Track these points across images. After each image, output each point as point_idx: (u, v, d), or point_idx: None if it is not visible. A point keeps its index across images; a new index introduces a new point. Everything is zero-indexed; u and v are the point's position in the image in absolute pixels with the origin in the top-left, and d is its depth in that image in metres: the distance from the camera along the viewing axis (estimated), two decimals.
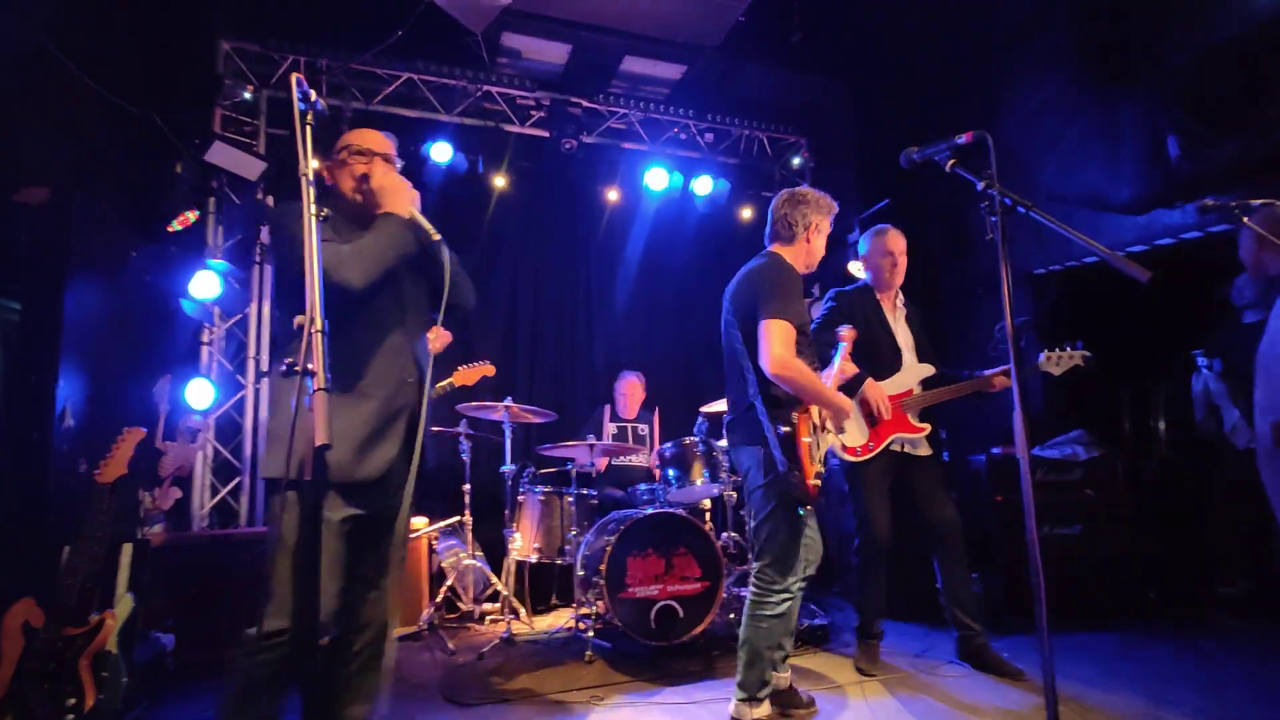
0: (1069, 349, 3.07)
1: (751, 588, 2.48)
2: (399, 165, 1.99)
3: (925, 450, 3.19)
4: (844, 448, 3.15)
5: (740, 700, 2.43)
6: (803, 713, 2.61)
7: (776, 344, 2.31)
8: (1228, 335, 3.96)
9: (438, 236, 1.78)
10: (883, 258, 3.23)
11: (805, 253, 2.62)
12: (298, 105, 1.49)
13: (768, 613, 2.42)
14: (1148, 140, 3.93)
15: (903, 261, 3.24)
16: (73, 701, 2.30)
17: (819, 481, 2.41)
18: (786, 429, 2.36)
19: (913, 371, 3.20)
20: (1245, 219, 2.49)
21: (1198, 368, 4.40)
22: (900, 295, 3.33)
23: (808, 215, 2.59)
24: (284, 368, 1.22)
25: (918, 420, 3.17)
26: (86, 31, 3.54)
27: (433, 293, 1.93)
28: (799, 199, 2.61)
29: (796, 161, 5.99)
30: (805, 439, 2.38)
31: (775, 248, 2.63)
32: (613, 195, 5.64)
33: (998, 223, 1.76)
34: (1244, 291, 4.23)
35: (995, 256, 1.79)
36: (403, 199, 1.83)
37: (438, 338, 3.43)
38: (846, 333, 2.84)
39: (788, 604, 2.43)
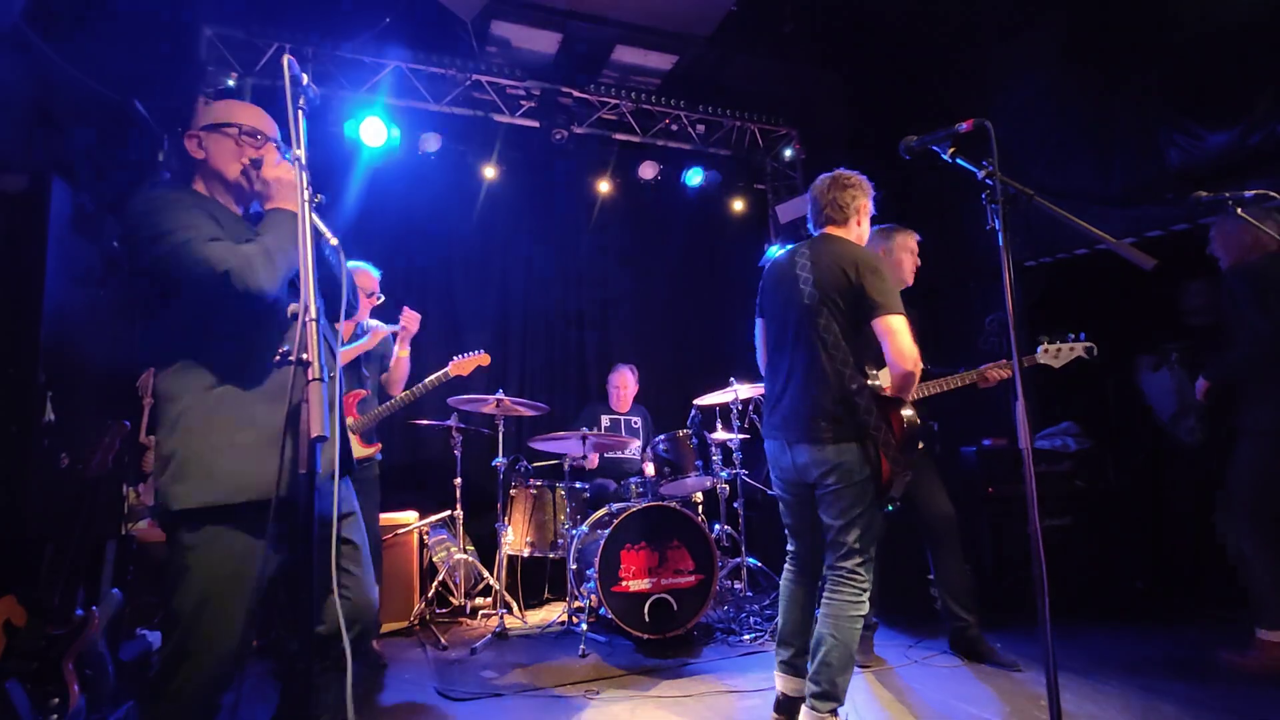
0: (1071, 340, 2.95)
1: (841, 589, 2.28)
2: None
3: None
4: None
5: (829, 712, 2.21)
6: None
7: (909, 342, 2.22)
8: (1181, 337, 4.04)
9: (335, 241, 1.66)
10: (907, 253, 3.20)
11: (857, 236, 2.51)
12: (289, 88, 1.42)
13: (859, 611, 2.26)
14: (1138, 133, 3.95)
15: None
16: (56, 701, 2.24)
17: None
18: (915, 423, 2.32)
19: None
20: (1239, 210, 2.50)
21: (1170, 364, 4.47)
22: None
23: (857, 197, 2.49)
24: (278, 358, 1.17)
25: None
26: (66, 16, 3.45)
27: (322, 290, 1.76)
28: (844, 182, 2.49)
29: (788, 153, 5.97)
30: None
31: (831, 230, 2.49)
32: (604, 186, 5.60)
33: (999, 211, 1.74)
34: (1195, 296, 4.32)
35: (985, 249, 1.78)
36: (292, 194, 1.67)
37: (407, 317, 3.39)
38: None
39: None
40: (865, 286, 2.27)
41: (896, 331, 2.21)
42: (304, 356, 1.16)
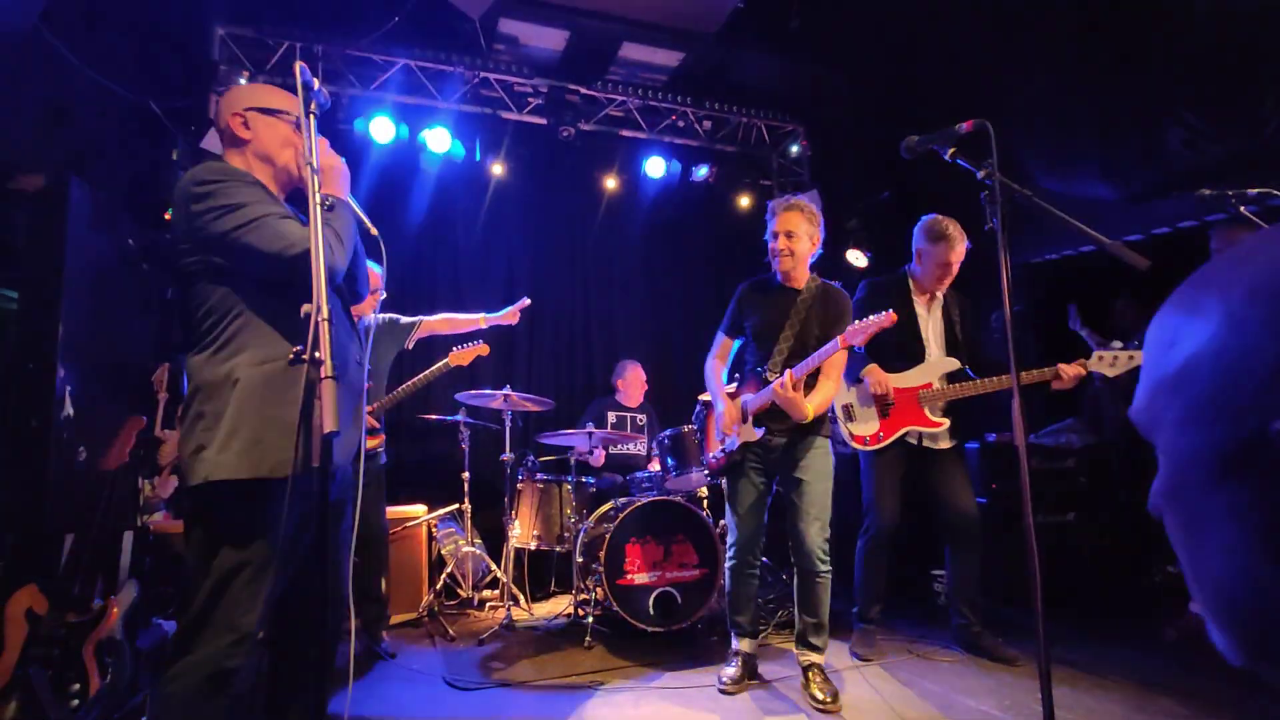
0: (1125, 348, 2.73)
1: None
2: None
3: (946, 443, 3.13)
4: (852, 436, 3.16)
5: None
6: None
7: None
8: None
9: (375, 232, 1.72)
10: (940, 267, 3.10)
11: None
12: (301, 94, 1.46)
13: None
14: (1147, 130, 3.94)
15: (955, 272, 3.12)
16: (77, 687, 2.31)
17: (715, 454, 3.04)
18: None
19: (936, 365, 3.11)
20: (1241, 208, 2.51)
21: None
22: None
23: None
24: (291, 356, 1.22)
25: (938, 415, 3.07)
26: (81, 17, 3.50)
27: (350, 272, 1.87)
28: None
29: (794, 149, 5.97)
30: (714, 421, 3.06)
31: None
32: (611, 183, 5.62)
33: (998, 211, 1.76)
34: (1125, 313, 4.31)
35: (993, 246, 1.79)
36: (345, 182, 1.72)
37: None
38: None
39: (726, 570, 2.93)
40: None
41: None
42: (316, 355, 1.21)
